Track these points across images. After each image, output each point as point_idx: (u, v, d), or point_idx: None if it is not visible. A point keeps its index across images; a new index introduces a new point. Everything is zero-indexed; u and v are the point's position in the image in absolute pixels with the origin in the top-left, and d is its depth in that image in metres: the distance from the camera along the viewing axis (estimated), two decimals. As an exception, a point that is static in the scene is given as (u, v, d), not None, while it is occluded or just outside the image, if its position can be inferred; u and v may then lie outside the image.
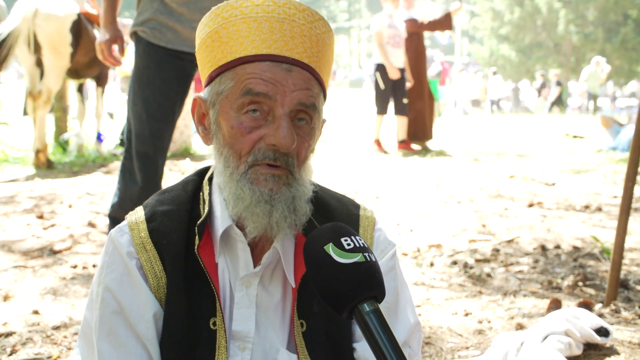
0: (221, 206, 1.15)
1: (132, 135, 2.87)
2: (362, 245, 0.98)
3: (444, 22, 8.61)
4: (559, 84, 22.43)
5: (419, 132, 8.52)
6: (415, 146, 8.42)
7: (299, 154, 1.11)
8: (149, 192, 2.33)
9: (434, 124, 8.93)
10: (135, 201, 2.74)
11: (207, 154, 7.80)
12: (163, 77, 2.78)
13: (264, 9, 1.09)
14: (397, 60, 8.13)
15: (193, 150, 7.76)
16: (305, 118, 1.10)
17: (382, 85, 8.13)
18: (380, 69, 8.10)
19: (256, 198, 1.08)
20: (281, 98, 1.06)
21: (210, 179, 1.21)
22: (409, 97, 8.31)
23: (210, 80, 1.14)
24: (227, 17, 1.10)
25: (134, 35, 2.84)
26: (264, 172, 1.08)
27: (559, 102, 21.93)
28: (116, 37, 2.89)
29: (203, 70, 1.18)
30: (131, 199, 2.84)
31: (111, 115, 12.05)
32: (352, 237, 0.98)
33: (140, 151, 2.84)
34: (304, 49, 1.10)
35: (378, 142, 8.37)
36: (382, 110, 8.26)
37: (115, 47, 2.92)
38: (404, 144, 8.36)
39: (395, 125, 8.46)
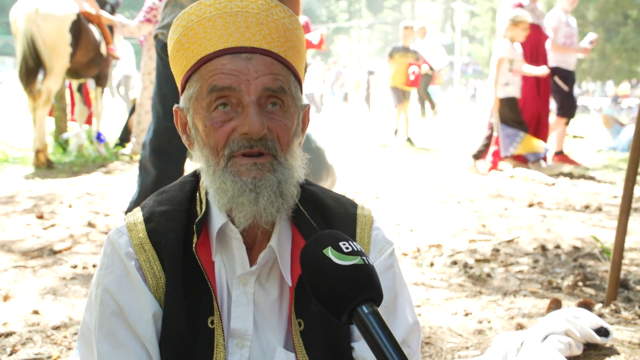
0: (216, 205, 1.15)
1: (150, 132, 3.01)
2: (359, 249, 0.98)
3: None
4: (371, 72, 20.13)
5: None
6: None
7: (280, 137, 1.10)
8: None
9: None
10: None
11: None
12: None
13: (217, 7, 1.10)
14: (572, 60, 7.48)
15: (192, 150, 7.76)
16: (277, 102, 1.10)
17: (565, 87, 7.43)
18: (557, 72, 7.36)
19: (239, 188, 1.08)
20: (246, 87, 1.07)
21: None
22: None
23: (183, 89, 1.16)
24: (186, 25, 1.12)
25: (155, 38, 2.98)
26: (244, 163, 1.09)
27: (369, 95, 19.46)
28: None
29: (178, 82, 1.19)
30: (146, 195, 2.92)
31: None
32: (350, 242, 0.98)
33: (155, 147, 2.98)
34: (262, 36, 1.10)
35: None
36: (571, 114, 7.51)
37: None
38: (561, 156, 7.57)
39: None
